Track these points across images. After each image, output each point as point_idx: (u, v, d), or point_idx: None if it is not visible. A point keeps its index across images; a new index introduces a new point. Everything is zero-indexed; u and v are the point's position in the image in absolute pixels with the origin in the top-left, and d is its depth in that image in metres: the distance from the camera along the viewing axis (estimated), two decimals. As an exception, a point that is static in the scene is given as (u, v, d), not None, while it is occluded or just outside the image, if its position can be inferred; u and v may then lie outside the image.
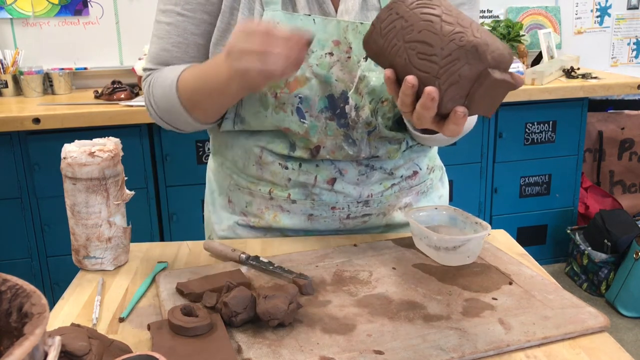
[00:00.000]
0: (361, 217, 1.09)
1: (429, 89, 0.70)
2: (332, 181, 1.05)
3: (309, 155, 1.02)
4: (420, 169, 1.13)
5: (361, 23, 0.97)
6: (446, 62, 0.70)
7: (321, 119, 1.00)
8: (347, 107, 0.99)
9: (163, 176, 2.45)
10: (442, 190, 1.21)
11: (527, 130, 2.80)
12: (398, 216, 1.12)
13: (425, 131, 0.94)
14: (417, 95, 0.74)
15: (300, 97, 0.98)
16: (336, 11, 0.98)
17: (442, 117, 0.74)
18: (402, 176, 1.10)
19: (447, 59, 0.70)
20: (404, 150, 1.08)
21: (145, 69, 1.06)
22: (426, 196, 1.16)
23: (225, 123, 1.04)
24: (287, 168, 1.04)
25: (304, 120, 0.99)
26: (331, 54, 0.97)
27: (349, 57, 0.98)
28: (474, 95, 0.71)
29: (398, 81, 0.76)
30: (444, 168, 1.24)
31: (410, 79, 0.72)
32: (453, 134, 0.74)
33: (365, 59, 0.98)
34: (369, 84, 0.97)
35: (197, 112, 0.98)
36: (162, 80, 0.99)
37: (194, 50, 1.01)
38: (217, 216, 1.15)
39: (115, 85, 2.46)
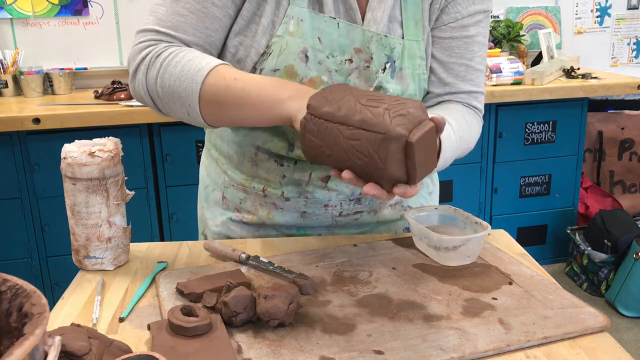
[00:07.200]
0: (353, 214, 1.09)
1: (365, 189, 0.77)
2: (326, 178, 1.05)
3: None
4: None
5: (385, 36, 0.97)
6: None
7: None
8: None
9: (163, 176, 2.45)
10: (431, 187, 1.21)
11: (527, 130, 2.80)
12: (389, 213, 1.13)
13: None
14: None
15: None
16: (363, 19, 0.98)
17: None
18: None
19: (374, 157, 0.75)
20: None
21: (148, 30, 0.94)
22: None
23: None
24: (282, 165, 1.05)
25: None
26: (351, 60, 0.97)
27: (368, 67, 0.98)
28: (412, 166, 0.75)
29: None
30: None
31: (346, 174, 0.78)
32: (411, 196, 0.80)
33: (384, 70, 0.98)
34: None
35: (211, 112, 0.90)
36: (188, 59, 0.89)
37: (210, 21, 0.93)
38: (211, 212, 1.15)
39: (115, 85, 2.46)
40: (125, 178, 0.97)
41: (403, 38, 1.00)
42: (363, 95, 0.78)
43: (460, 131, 0.99)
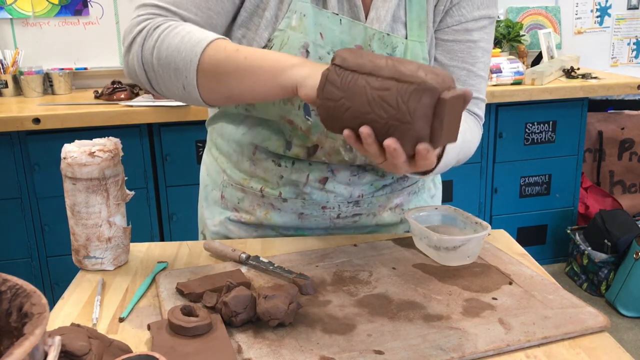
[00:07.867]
0: (351, 217, 1.09)
1: (387, 142, 0.72)
2: (324, 180, 1.05)
3: (305, 154, 1.02)
4: None
5: (388, 34, 0.97)
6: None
7: None
8: None
9: (163, 176, 2.45)
10: (434, 190, 1.21)
11: (527, 130, 2.80)
12: (388, 216, 1.12)
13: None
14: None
15: None
16: (366, 17, 0.97)
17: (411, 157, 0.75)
18: (393, 177, 1.10)
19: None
20: None
21: (148, 5, 0.91)
22: (417, 196, 1.16)
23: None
24: (280, 165, 1.04)
25: (309, 117, 0.98)
26: None
27: None
28: (440, 125, 0.72)
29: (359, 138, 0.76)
30: None
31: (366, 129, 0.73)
32: (426, 167, 0.75)
33: None
34: None
35: (208, 84, 0.87)
36: (187, 32, 0.87)
37: (214, 2, 0.92)
38: (210, 211, 1.15)
39: (115, 85, 2.46)
40: (125, 178, 0.97)
41: (406, 38, 1.00)
42: (391, 57, 0.77)
43: (462, 133, 0.98)
